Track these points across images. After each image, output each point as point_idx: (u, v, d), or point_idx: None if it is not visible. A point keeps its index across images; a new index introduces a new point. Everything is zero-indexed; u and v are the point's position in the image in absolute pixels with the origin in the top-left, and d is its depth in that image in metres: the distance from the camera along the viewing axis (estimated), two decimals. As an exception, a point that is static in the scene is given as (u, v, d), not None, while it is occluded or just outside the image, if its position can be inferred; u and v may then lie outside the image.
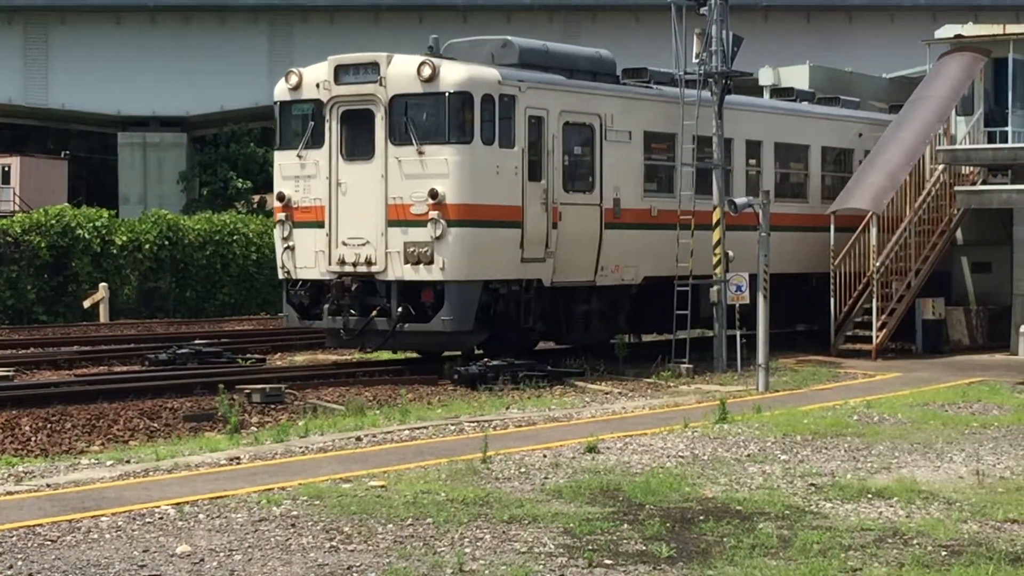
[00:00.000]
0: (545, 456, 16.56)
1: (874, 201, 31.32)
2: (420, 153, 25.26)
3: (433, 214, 24.96)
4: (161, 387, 22.57)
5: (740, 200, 26.20)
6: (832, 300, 31.23)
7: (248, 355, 29.36)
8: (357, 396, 22.29)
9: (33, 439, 18.77)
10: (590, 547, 11.86)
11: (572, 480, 14.93)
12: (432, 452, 16.88)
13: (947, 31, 35.20)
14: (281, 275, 27.00)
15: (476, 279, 25.40)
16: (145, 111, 64.01)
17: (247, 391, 21.71)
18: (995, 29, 34.89)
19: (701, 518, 13.09)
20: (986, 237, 33.79)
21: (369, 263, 25.63)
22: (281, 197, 26.68)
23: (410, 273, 25.26)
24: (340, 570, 11.03)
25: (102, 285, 42.68)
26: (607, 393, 24.20)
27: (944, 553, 11.78)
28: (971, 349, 32.56)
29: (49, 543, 11.91)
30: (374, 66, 25.80)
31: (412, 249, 25.17)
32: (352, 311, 25.64)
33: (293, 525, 12.63)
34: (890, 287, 31.55)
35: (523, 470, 15.57)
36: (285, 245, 26.63)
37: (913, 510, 13.61)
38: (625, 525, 12.78)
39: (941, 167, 33.13)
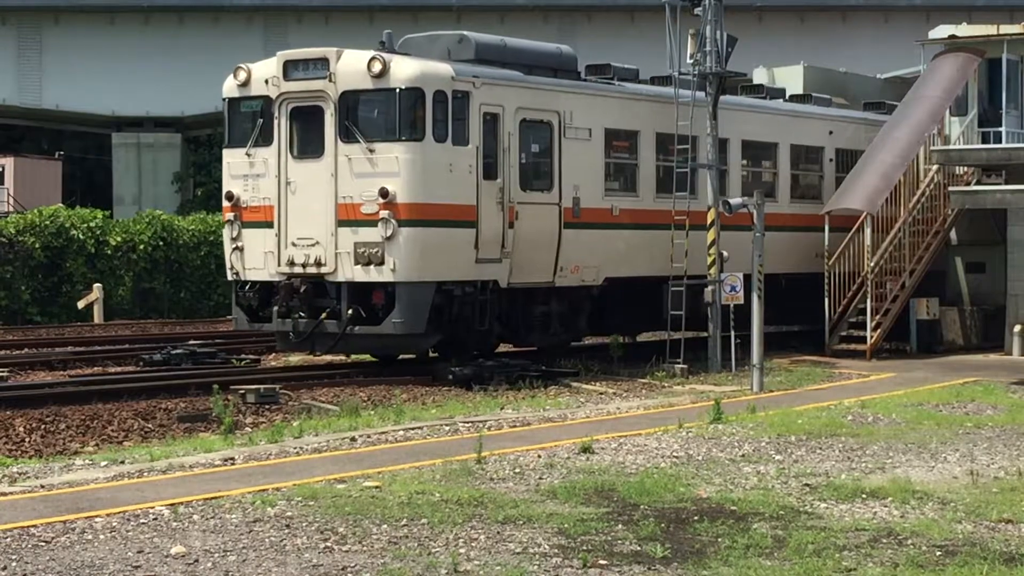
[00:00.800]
0: (540, 456, 16.56)
1: (868, 201, 31.33)
2: (370, 151, 24.75)
3: (384, 214, 24.42)
4: (155, 388, 22.57)
5: (735, 200, 26.17)
6: (826, 300, 31.24)
7: (242, 356, 29.35)
8: (352, 396, 22.29)
9: (27, 440, 18.76)
10: (585, 547, 11.86)
11: (567, 480, 14.93)
12: (427, 452, 16.88)
13: (941, 31, 35.21)
14: (230, 276, 26.43)
15: (428, 280, 24.86)
16: (139, 111, 64.00)
17: (242, 391, 21.71)
18: (989, 29, 34.89)
19: (696, 518, 13.09)
20: (980, 237, 33.81)
21: (319, 264, 25.09)
22: (230, 196, 26.10)
23: (360, 274, 24.72)
24: (335, 571, 11.02)
25: (96, 286, 42.67)
26: (602, 393, 24.20)
27: (939, 553, 11.78)
28: (965, 349, 32.57)
29: (43, 544, 11.90)
30: (323, 61, 25.27)
31: (362, 250, 24.62)
32: (301, 313, 25.08)
33: (288, 526, 12.63)
34: (884, 287, 31.56)
35: (518, 470, 15.57)
36: (234, 246, 26.05)
37: (908, 510, 13.62)
38: (620, 525, 12.78)
39: (935, 167, 33.14)
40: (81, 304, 42.60)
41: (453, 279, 25.27)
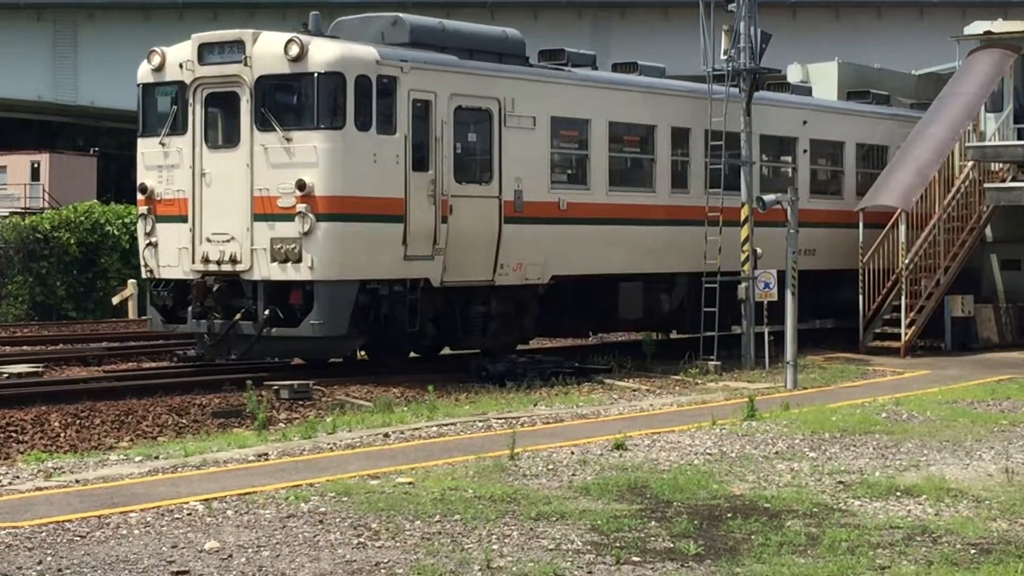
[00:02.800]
0: (573, 453, 16.56)
1: (903, 198, 31.23)
2: (287, 140, 23.15)
3: (301, 207, 22.86)
4: (190, 383, 22.63)
5: (768, 197, 26.11)
6: (860, 297, 31.17)
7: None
8: (385, 392, 22.30)
9: (62, 435, 18.84)
10: (618, 544, 11.86)
11: (600, 477, 14.92)
12: (460, 449, 16.89)
13: (976, 27, 35.05)
14: (144, 274, 24.99)
15: (350, 279, 23.23)
16: (173, 107, 64.08)
17: (275, 387, 21.75)
18: (1025, 25, 34.75)
19: (729, 515, 13.07)
20: (1016, 234, 33.67)
21: (234, 261, 23.47)
22: (143, 189, 24.58)
23: (277, 272, 23.13)
24: (368, 566, 11.04)
25: (131, 282, 42.79)
26: (635, 390, 24.18)
27: (973, 551, 11.74)
28: (1000, 347, 32.44)
29: (78, 539, 11.95)
30: (239, 44, 23.66)
31: (279, 246, 23.04)
32: (216, 314, 23.61)
33: (321, 521, 12.65)
34: (919, 284, 31.46)
35: (551, 467, 15.57)
36: (147, 241, 24.53)
37: (942, 508, 13.57)
38: (653, 522, 12.77)
39: (970, 164, 33.01)
40: (116, 300, 42.76)
41: (379, 277, 23.71)
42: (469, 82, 25.04)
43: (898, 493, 14.23)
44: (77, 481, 14.89)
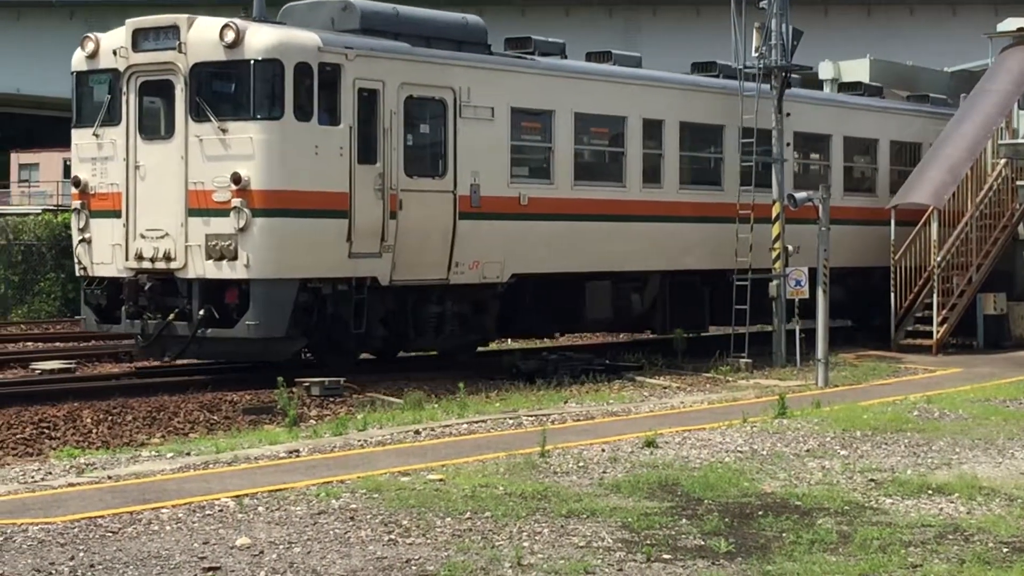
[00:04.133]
0: (603, 450, 16.55)
1: (935, 196, 31.15)
2: (223, 131, 21.99)
3: (236, 202, 21.70)
4: (221, 380, 22.67)
5: (800, 194, 26.05)
6: (892, 295, 31.09)
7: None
8: (415, 390, 22.32)
9: (94, 431, 18.91)
10: (648, 542, 11.85)
11: (630, 474, 14.91)
12: (490, 446, 16.90)
13: (1009, 24, 34.92)
14: (78, 272, 23.86)
15: (289, 277, 22.11)
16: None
17: (306, 384, 21.77)
18: (1058, 22, 34.61)
19: (760, 513, 13.05)
20: (1049, 231, 33.53)
21: (168, 258, 22.36)
22: (77, 182, 23.52)
23: (212, 270, 22.01)
24: (399, 563, 11.05)
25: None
26: (665, 387, 24.16)
27: (1005, 550, 11.70)
28: (1033, 345, 32.34)
29: (110, 535, 11.99)
30: (174, 30, 22.49)
31: (214, 242, 21.90)
32: (150, 314, 22.55)
33: (352, 518, 12.67)
34: (951, 282, 31.35)
35: (581, 464, 15.56)
36: (81, 237, 23.47)
37: (974, 506, 13.52)
38: (684, 520, 12.75)
39: (1003, 161, 32.88)
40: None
41: (321, 276, 22.56)
42: (421, 70, 23.78)
43: (930, 491, 14.18)
44: (109, 477, 14.94)
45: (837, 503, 13.53)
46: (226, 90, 22.73)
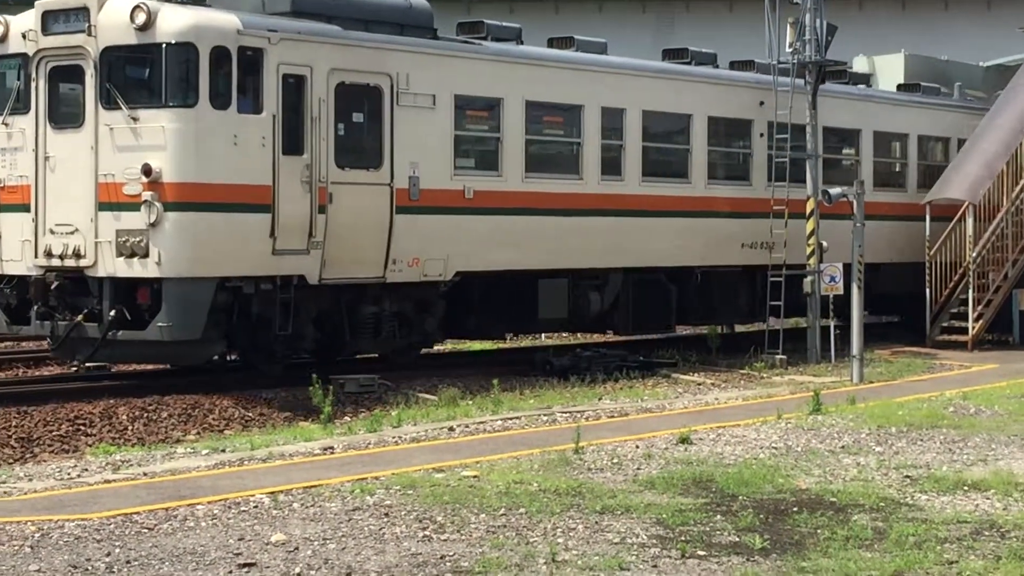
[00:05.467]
0: (638, 447, 16.54)
1: (970, 191, 31.02)
2: (134, 120, 20.55)
3: (147, 195, 20.28)
4: (255, 377, 22.71)
5: (835, 190, 25.99)
6: (928, 291, 30.99)
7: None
8: (450, 386, 22.33)
9: (130, 428, 18.98)
10: (683, 538, 11.84)
11: (665, 471, 14.90)
12: (525, 442, 16.90)
13: (1045, 18, 34.76)
14: None
15: (206, 276, 20.66)
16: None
17: (341, 381, 21.80)
18: (1094, 16, 34.44)
19: (795, 510, 13.03)
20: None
21: (78, 255, 20.96)
22: None
23: (123, 268, 20.60)
24: (433, 559, 11.06)
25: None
26: (700, 384, 24.13)
27: (1042, 546, 11.66)
28: (1069, 341, 32.20)
29: (146, 531, 12.04)
30: (84, 12, 21.01)
31: (125, 239, 20.50)
32: (60, 315, 21.14)
33: (386, 514, 12.69)
34: (986, 278, 31.23)
35: (616, 460, 15.56)
36: None
37: (1010, 503, 13.47)
38: (718, 516, 12.74)
39: (1039, 156, 32.74)
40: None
41: (241, 274, 21.09)
42: (353, 55, 22.28)
43: (965, 488, 14.14)
44: (145, 474, 15.00)
45: (872, 500, 13.50)
46: (138, 76, 21.39)
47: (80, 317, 20.83)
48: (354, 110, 22.40)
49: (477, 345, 28.70)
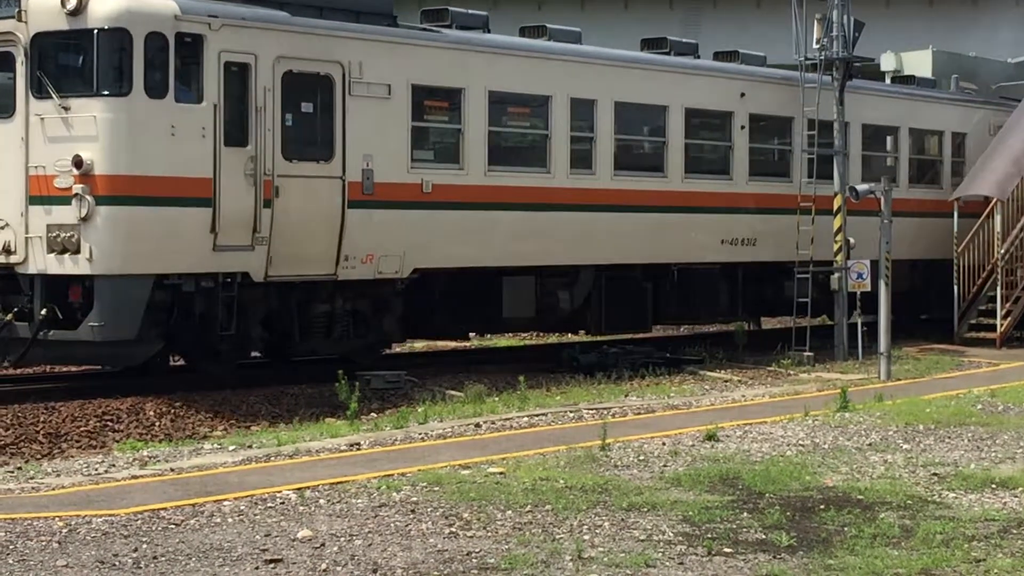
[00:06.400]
0: (664, 444, 16.52)
1: (998, 188, 30.90)
2: (65, 109, 19.58)
3: (78, 188, 19.33)
4: (282, 373, 22.75)
5: (862, 186, 25.92)
6: (956, 288, 30.89)
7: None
8: (476, 383, 22.33)
9: (157, 424, 19.02)
10: (709, 535, 11.82)
11: (691, 468, 14.88)
12: (551, 439, 16.90)
13: (1074, 14, 34.62)
14: None
15: (141, 273, 19.70)
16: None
17: (367, 377, 21.81)
18: (1124, 12, 34.28)
19: (822, 507, 13.00)
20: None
21: (8, 251, 19.97)
22: None
23: (54, 265, 19.60)
24: (459, 556, 11.07)
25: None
26: (726, 381, 24.10)
27: (1070, 544, 11.61)
28: (1098, 338, 32.06)
29: (173, 526, 12.07)
30: None
31: (56, 234, 19.52)
32: None
33: (413, 511, 12.70)
34: (1015, 274, 31.12)
35: (642, 458, 15.55)
36: None
37: (1038, 501, 13.43)
38: (745, 513, 12.72)
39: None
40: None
41: (180, 271, 20.12)
42: (301, 43, 21.26)
43: (993, 485, 14.09)
44: (172, 469, 15.04)
45: (899, 497, 13.46)
46: (69, 63, 20.40)
47: (10, 316, 19.87)
48: (303, 100, 21.41)
49: (504, 341, 28.67)
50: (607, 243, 25.39)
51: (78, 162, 19.39)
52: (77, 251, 19.44)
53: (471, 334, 27.38)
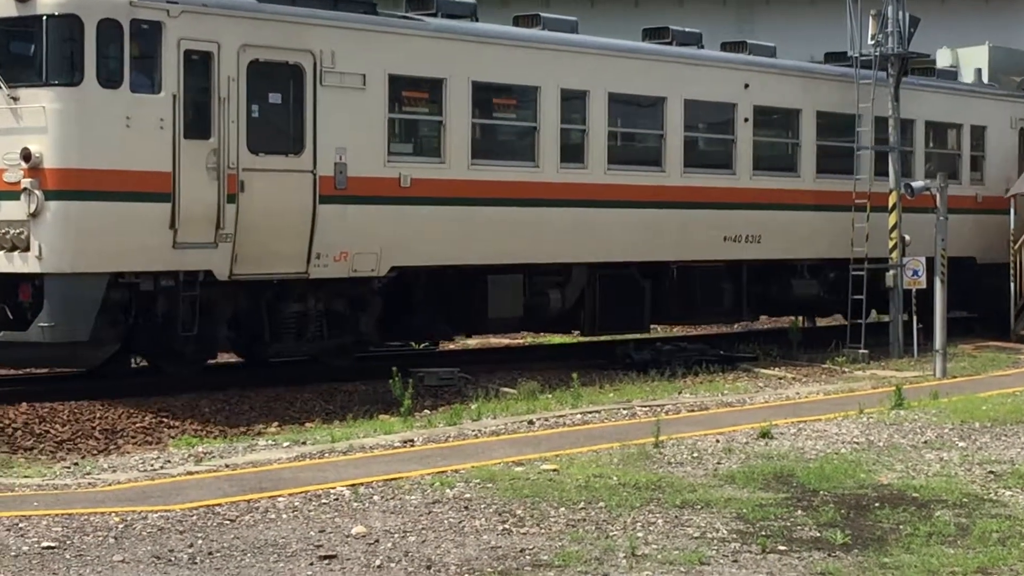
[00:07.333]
0: (718, 441, 16.49)
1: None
2: (13, 100, 18.77)
3: (27, 183, 18.48)
4: (337, 369, 22.81)
5: (917, 183, 25.79)
6: (1012, 285, 30.68)
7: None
8: (529, 380, 22.33)
9: (212, 420, 19.11)
10: (763, 533, 11.79)
11: (745, 465, 14.84)
12: (604, 436, 16.88)
13: None
14: None
15: (94, 271, 18.79)
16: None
17: (421, 374, 21.84)
18: None
19: (876, 505, 12.94)
20: None
21: None
22: None
23: (3, 263, 18.80)
24: (513, 553, 11.07)
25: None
26: (780, 378, 24.02)
27: None
28: None
29: (228, 522, 12.12)
30: None
31: (4, 230, 18.72)
32: None
33: (466, 507, 12.71)
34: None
35: (695, 455, 15.51)
36: None
37: (1096, 499, 13.33)
38: (799, 511, 12.68)
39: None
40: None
41: (136, 269, 19.23)
42: (268, 31, 20.29)
43: (1050, 484, 14.00)
44: (227, 466, 15.10)
45: (955, 495, 13.39)
46: (18, 52, 19.46)
47: None
48: (271, 90, 20.47)
49: (557, 339, 28.65)
50: (601, 240, 24.45)
51: (27, 155, 18.57)
52: (27, 248, 18.65)
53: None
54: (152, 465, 15.30)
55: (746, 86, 26.84)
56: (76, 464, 15.82)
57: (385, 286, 22.02)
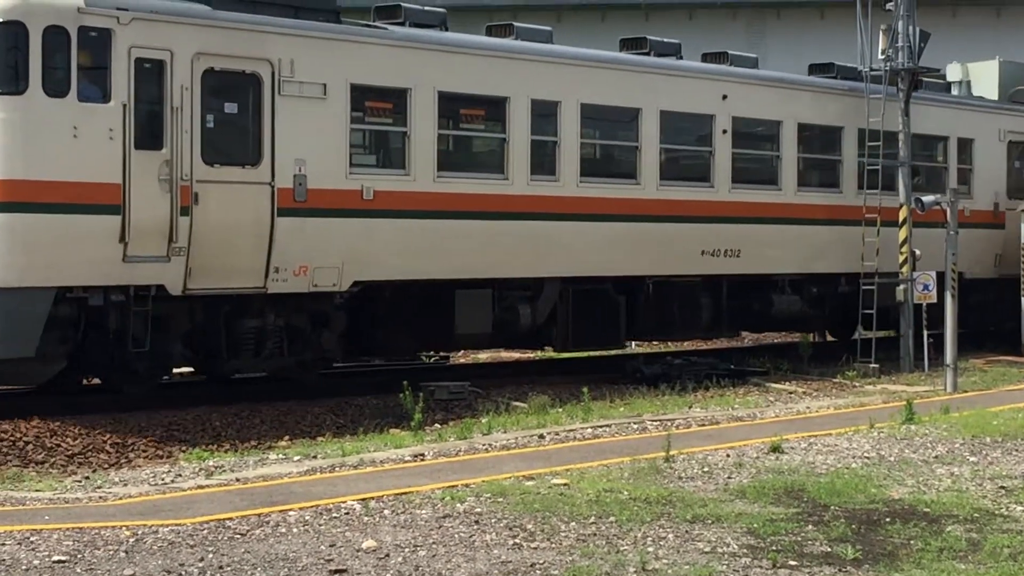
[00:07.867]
0: (728, 455, 16.48)
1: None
2: None
3: None
4: (347, 384, 22.84)
5: (928, 198, 25.78)
6: (1023, 299, 30.64)
7: (431, 352, 29.17)
8: (540, 394, 22.33)
9: (223, 434, 19.13)
10: (774, 548, 11.78)
11: (756, 480, 14.83)
12: (615, 451, 16.88)
13: None
14: None
15: (39, 285, 18.25)
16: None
17: (431, 388, 21.86)
18: None
19: (887, 520, 12.93)
20: None
21: None
22: None
23: None
24: (523, 567, 11.07)
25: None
26: (791, 392, 24.01)
27: None
28: None
29: (239, 536, 12.13)
30: None
31: None
32: None
33: (477, 522, 12.71)
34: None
35: (706, 469, 15.51)
36: None
37: (1107, 514, 13.31)
38: (810, 526, 12.67)
39: None
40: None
41: (85, 284, 18.73)
42: (224, 39, 19.81)
43: (1062, 499, 13.98)
44: (237, 479, 15.11)
45: (966, 510, 13.37)
46: None
47: None
48: (226, 100, 20.02)
49: (567, 353, 28.67)
50: (574, 254, 23.99)
51: None
52: None
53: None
54: (163, 479, 15.32)
55: (724, 97, 26.43)
56: (87, 478, 15.84)
57: (348, 301, 21.60)
